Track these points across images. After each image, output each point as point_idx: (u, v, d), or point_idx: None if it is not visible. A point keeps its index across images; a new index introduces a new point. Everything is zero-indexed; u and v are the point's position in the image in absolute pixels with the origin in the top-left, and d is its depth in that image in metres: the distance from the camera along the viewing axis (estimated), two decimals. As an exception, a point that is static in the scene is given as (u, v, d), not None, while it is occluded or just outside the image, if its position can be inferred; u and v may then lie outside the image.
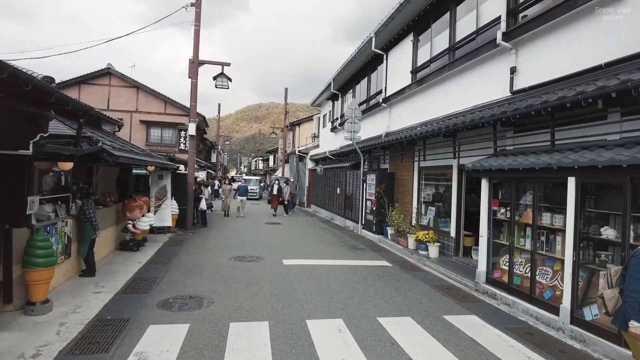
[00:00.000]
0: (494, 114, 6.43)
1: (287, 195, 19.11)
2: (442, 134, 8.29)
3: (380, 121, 13.45)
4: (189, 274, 7.25)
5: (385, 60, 12.89)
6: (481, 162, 6.69)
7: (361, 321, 5.11)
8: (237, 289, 6.36)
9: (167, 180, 12.07)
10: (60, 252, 6.09)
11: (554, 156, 5.24)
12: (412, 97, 11.16)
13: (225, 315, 5.16)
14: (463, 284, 7.20)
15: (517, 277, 6.11)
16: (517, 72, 6.94)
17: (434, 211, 10.07)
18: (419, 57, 10.80)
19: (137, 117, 25.70)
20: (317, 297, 6.07)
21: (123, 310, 5.27)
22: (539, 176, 5.56)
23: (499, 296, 6.23)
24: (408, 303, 5.96)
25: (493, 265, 6.73)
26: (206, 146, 33.35)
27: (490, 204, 6.71)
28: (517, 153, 6.33)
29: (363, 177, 13.44)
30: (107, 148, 6.26)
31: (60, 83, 23.47)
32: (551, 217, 5.55)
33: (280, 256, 9.00)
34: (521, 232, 6.18)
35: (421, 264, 8.86)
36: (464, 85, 8.62)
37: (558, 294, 5.28)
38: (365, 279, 7.30)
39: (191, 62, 12.88)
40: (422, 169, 10.55)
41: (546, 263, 5.69)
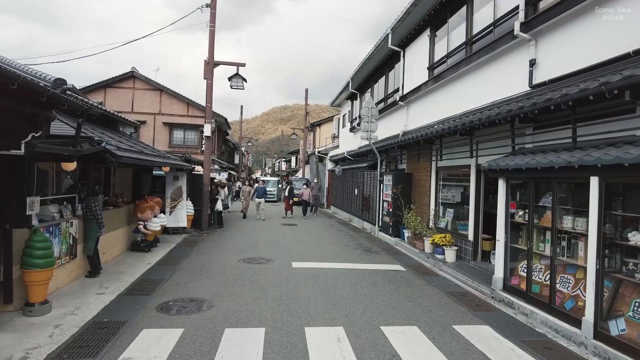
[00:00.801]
0: (510, 110, 6.00)
1: (309, 196, 18.50)
2: (458, 132, 7.88)
3: (398, 120, 13.06)
4: (195, 276, 7.15)
5: (402, 57, 12.51)
6: (497, 161, 6.27)
7: (363, 330, 4.82)
8: (240, 293, 6.20)
9: (183, 181, 12.11)
10: (65, 252, 6.11)
11: (575, 154, 4.79)
12: (429, 95, 10.75)
13: (222, 320, 4.99)
14: (479, 290, 6.78)
15: (536, 285, 5.66)
16: (536, 65, 6.47)
17: (452, 213, 9.63)
18: (435, 53, 10.38)
19: (161, 119, 26.18)
20: (321, 302, 5.82)
21: (121, 312, 5.19)
22: (558, 176, 5.12)
23: (516, 305, 5.79)
24: (417, 311, 5.62)
25: (511, 271, 6.29)
26: (228, 147, 33.68)
27: (507, 205, 6.28)
28: (537, 151, 5.88)
29: (380, 177, 13.09)
30: (110, 148, 6.23)
31: (87, 87, 24.26)
32: (573, 220, 5.09)
33: (291, 259, 8.81)
34: (540, 236, 5.73)
35: (437, 269, 8.45)
36: (481, 80, 8.17)
37: (580, 304, 4.82)
38: (375, 284, 6.99)
39: (206, 63, 12.90)
40: (439, 169, 10.12)
41: (567, 270, 5.23)
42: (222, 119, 27.58)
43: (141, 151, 8.34)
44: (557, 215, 5.24)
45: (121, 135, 9.87)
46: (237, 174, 36.12)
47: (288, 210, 18.07)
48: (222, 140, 31.12)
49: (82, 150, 5.47)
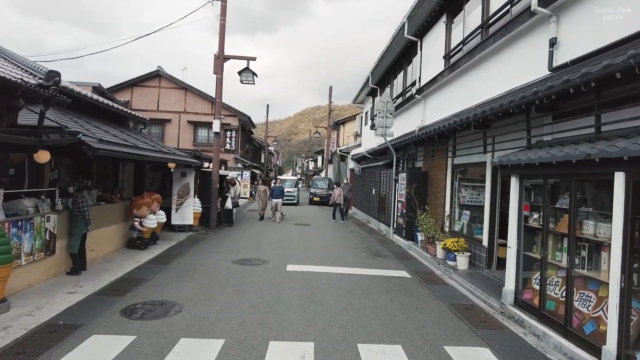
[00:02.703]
0: (524, 97, 5.16)
1: (339, 198, 16.28)
2: (471, 125, 7.05)
3: (415, 115, 12.22)
4: (179, 276, 6.75)
5: (420, 47, 11.66)
6: (509, 156, 5.43)
7: (336, 347, 4.18)
8: (217, 297, 5.71)
9: (191, 178, 11.85)
10: (38, 248, 5.85)
11: (597, 145, 3.93)
12: (445, 87, 9.88)
13: (183, 328, 4.51)
14: (488, 303, 5.95)
15: (551, 302, 4.80)
16: (557, 45, 5.56)
17: (469, 215, 8.74)
18: (452, 40, 9.51)
19: (185, 118, 26.40)
20: (300, 312, 5.22)
21: (82, 315, 4.83)
22: (577, 172, 4.26)
23: (527, 323, 4.94)
24: (407, 326, 4.90)
25: (524, 283, 5.44)
26: (253, 146, 33.65)
27: (520, 207, 5.42)
28: (555, 144, 5.01)
29: (395, 176, 12.29)
30: (88, 140, 5.91)
31: (114, 86, 24.83)
32: (595, 226, 4.22)
33: (288, 261, 8.25)
34: (557, 244, 4.85)
35: (446, 277, 7.63)
36: (497, 67, 7.29)
37: (603, 329, 3.95)
38: (369, 292, 6.30)
39: (216, 57, 12.60)
40: (455, 167, 9.24)
41: (589, 286, 4.36)
42: (246, 117, 27.51)
43: (135, 145, 8.05)
44: (575, 220, 4.37)
45: (123, 130, 9.68)
46: (262, 173, 36.05)
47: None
48: (246, 139, 31.12)
49: (47, 141, 5.17)
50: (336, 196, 16.33)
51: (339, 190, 16.52)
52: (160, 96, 26.06)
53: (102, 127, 8.14)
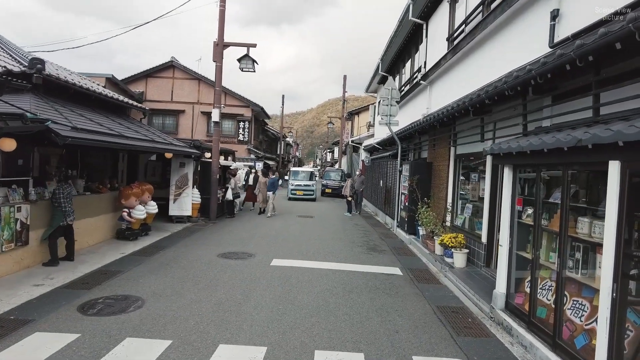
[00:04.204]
0: (517, 76, 4.57)
1: (349, 190, 15.72)
2: (468, 111, 6.46)
3: (421, 103, 11.56)
4: (156, 270, 6.51)
5: (425, 30, 10.96)
6: (500, 145, 4.85)
7: (290, 354, 3.79)
8: (185, 292, 5.42)
9: (189, 168, 11.64)
10: (7, 239, 5.70)
11: (592, 130, 3.34)
12: (449, 71, 9.21)
13: (134, 327, 4.22)
14: (479, 306, 5.42)
15: (543, 308, 4.24)
16: (559, 17, 4.89)
17: (471, 209, 8.13)
18: (456, 21, 8.81)
19: (199, 109, 26.36)
20: (265, 312, 4.85)
21: (38, 309, 4.62)
22: (569, 161, 3.67)
23: (515, 332, 4.41)
24: (379, 331, 4.45)
25: (516, 286, 4.88)
26: (267, 137, 33.43)
27: (513, 201, 4.85)
28: (553, 130, 4.40)
29: (400, 167, 11.72)
30: (56, 127, 5.68)
31: (129, 77, 25.01)
32: (590, 224, 3.63)
33: (276, 255, 7.90)
34: (552, 243, 4.28)
35: (441, 275, 7.11)
36: (498, 48, 6.62)
37: (595, 344, 3.40)
38: (350, 291, 5.87)
39: (215, 44, 12.28)
40: (458, 157, 8.62)
41: (583, 293, 3.79)
42: (259, 107, 27.25)
43: (121, 134, 7.83)
44: (567, 216, 3.79)
45: (115, 119, 9.49)
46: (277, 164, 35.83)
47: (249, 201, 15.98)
48: (260, 130, 30.91)
49: (4, 128, 4.94)
50: (347, 188, 15.85)
51: (349, 182, 16.07)
52: (174, 87, 26.07)
53: (87, 115, 7.95)
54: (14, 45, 9.91)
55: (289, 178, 22.05)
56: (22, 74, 7.51)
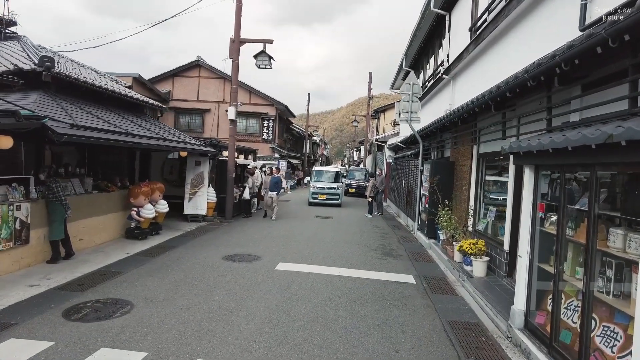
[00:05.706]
0: (540, 64, 3.98)
1: (369, 190, 15.13)
2: (490, 106, 5.86)
3: (444, 99, 10.90)
4: (155, 272, 6.32)
5: (448, 22, 10.29)
6: (520, 143, 4.26)
7: (271, 374, 3.41)
8: (177, 298, 5.16)
9: (205, 166, 11.53)
10: (5, 238, 5.64)
11: (626, 123, 2.76)
12: (472, 64, 8.55)
13: (113, 335, 3.98)
14: (495, 323, 4.84)
15: (567, 332, 3.65)
16: (592, -5, 4.24)
17: (494, 213, 7.47)
18: (479, 9, 8.14)
19: (224, 107, 26.43)
20: (255, 323, 4.49)
21: (23, 312, 4.49)
22: (598, 162, 3.09)
23: (534, 357, 3.83)
24: (377, 350, 4.00)
25: (538, 303, 4.29)
26: (292, 136, 33.25)
27: (534, 206, 4.26)
28: (580, 125, 3.80)
29: (421, 166, 11.11)
30: (53, 124, 5.57)
31: (156, 77, 25.47)
32: (624, 237, 3.04)
33: (283, 258, 7.55)
34: (578, 256, 3.68)
35: (458, 285, 6.53)
36: (523, 35, 5.96)
37: (628, 381, 2.82)
38: (354, 301, 5.42)
39: (232, 41, 12.09)
40: (481, 156, 7.96)
41: (615, 319, 3.19)
42: (283, 106, 27.08)
43: (128, 132, 7.71)
44: (595, 226, 3.20)
45: (127, 117, 9.44)
46: (302, 163, 35.62)
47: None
48: (284, 128, 30.77)
49: (-6, 125, 4.84)
50: (369, 188, 15.33)
51: (371, 181, 15.56)
52: (200, 86, 26.32)
53: (95, 113, 7.89)
54: (34, 46, 10.07)
55: (311, 179, 18.99)
56: (32, 71, 7.54)
